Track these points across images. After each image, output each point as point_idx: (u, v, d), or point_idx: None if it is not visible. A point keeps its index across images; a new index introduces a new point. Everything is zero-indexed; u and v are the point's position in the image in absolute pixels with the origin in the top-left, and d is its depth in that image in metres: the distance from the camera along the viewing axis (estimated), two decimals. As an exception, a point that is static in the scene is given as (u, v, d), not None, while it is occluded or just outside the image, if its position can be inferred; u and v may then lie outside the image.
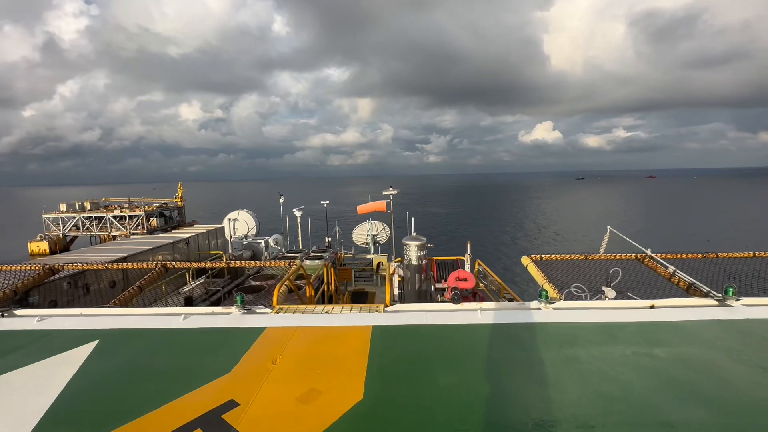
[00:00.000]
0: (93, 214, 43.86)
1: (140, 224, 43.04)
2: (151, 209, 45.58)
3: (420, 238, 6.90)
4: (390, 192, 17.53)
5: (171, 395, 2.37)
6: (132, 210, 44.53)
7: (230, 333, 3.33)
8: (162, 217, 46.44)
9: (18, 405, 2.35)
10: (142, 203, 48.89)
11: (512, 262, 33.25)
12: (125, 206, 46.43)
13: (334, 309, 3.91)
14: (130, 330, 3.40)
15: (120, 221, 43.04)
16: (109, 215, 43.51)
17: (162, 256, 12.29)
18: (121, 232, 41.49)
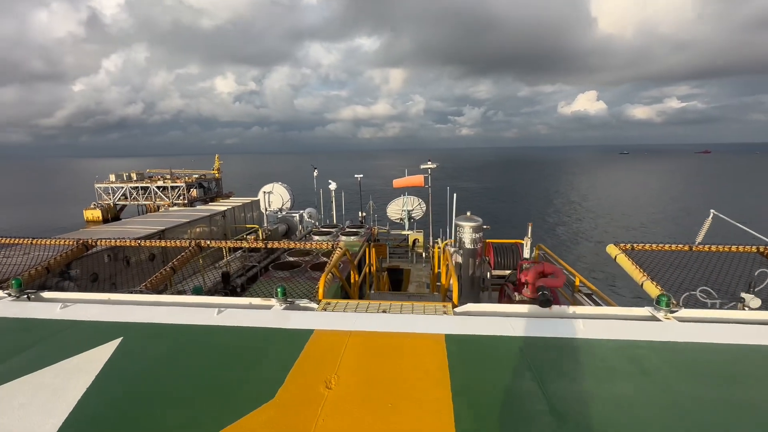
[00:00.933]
0: (139, 185, 45.87)
1: (181, 195, 44.57)
2: (191, 180, 47.05)
3: (475, 219, 6.07)
4: (428, 166, 16.55)
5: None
6: (174, 181, 46.13)
7: (271, 336, 2.76)
8: (201, 188, 47.89)
9: (18, 428, 1.88)
10: (183, 174, 50.50)
11: (564, 247, 31.19)
12: (167, 177, 48.16)
13: (392, 307, 3.25)
14: (158, 326, 2.90)
15: (163, 191, 44.74)
16: (153, 186, 45.29)
17: (200, 228, 12.22)
18: (164, 202, 43.18)
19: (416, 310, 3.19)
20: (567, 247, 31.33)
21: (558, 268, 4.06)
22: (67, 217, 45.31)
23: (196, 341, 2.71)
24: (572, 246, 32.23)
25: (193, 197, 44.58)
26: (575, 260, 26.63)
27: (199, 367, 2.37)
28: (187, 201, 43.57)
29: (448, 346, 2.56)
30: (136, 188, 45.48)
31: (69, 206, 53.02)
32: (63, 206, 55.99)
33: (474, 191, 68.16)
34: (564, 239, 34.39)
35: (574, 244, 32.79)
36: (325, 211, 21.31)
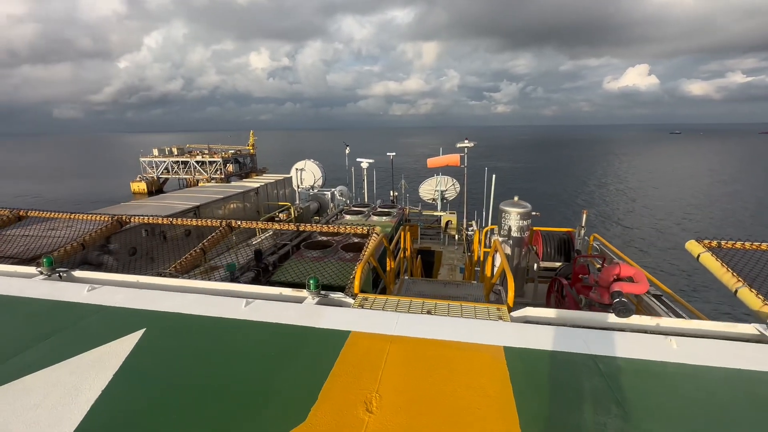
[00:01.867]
0: (179, 159, 47.53)
1: (218, 169, 45.83)
2: (227, 156, 48.19)
3: (523, 204, 5.50)
4: (465, 144, 15.73)
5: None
6: (211, 156, 47.43)
7: (303, 336, 2.45)
8: (237, 164, 49.03)
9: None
10: (220, 150, 51.81)
11: (617, 238, 27.83)
12: (206, 152, 49.58)
13: (437, 306, 2.86)
14: (183, 317, 2.68)
15: (202, 166, 46.17)
16: (193, 160, 46.79)
17: (234, 204, 12.28)
18: (202, 177, 44.63)
19: (466, 311, 2.78)
20: (621, 239, 27.68)
21: (639, 270, 3.47)
22: (115, 189, 48.08)
23: (221, 338, 2.45)
24: (627, 236, 28.46)
25: (229, 172, 45.76)
26: (632, 255, 24.19)
27: (221, 374, 2.10)
28: (223, 176, 44.83)
29: (509, 361, 2.15)
30: (177, 162, 47.20)
31: (117, 179, 56.23)
32: (112, 179, 59.49)
33: (508, 171, 65.62)
34: (619, 230, 30.43)
35: (627, 234, 29.04)
36: (356, 190, 21.06)
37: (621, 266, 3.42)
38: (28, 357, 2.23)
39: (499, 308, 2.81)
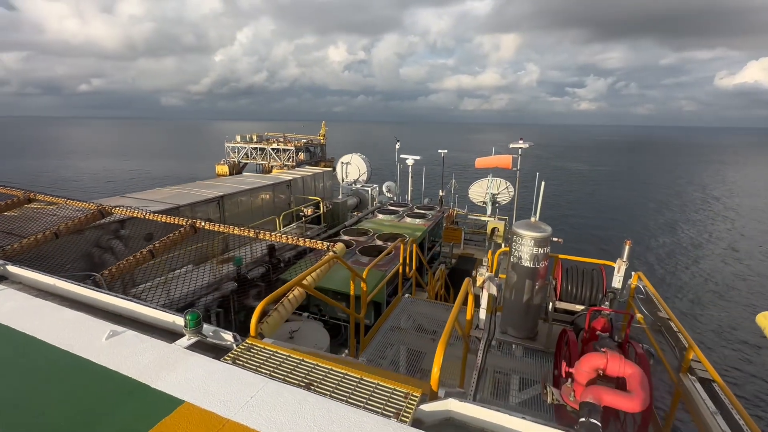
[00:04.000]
0: (257, 146, 50.98)
1: (291, 157, 48.22)
2: (299, 145, 50.51)
3: (541, 228, 4.36)
4: (519, 145, 14.06)
5: None
6: (285, 144, 50.08)
7: (131, 395, 1.87)
8: (308, 153, 51.24)
9: None
10: (293, 138, 54.52)
11: (681, 282, 19.74)
12: (281, 140, 52.55)
13: (327, 377, 2.07)
14: (28, 339, 2.26)
15: (276, 153, 49.00)
16: (269, 147, 49.82)
17: (264, 195, 12.32)
18: (276, 163, 47.28)
19: (358, 393, 1.96)
20: (687, 283, 20.13)
21: (635, 367, 2.28)
22: (204, 170, 53.13)
23: (45, 376, 1.97)
24: (695, 281, 20.49)
25: (300, 160, 47.85)
26: (697, 310, 17.12)
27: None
28: (295, 163, 47.00)
29: None
30: (255, 149, 50.61)
31: (206, 161, 62.13)
32: (202, 161, 66.12)
33: (578, 174, 59.48)
34: (687, 274, 21.35)
35: (698, 279, 20.82)
36: (402, 187, 20.30)
37: (612, 357, 2.26)
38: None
39: (408, 395, 1.95)
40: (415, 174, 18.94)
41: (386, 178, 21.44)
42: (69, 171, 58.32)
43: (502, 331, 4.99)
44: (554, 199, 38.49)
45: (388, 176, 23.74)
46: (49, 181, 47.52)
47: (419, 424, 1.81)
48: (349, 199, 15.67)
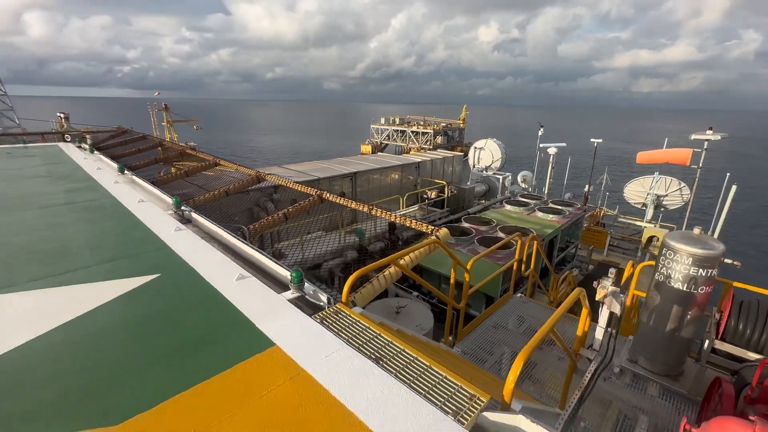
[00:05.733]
0: (398, 128, 53.76)
1: (429, 141, 49.34)
2: (438, 128, 51.15)
3: (708, 243, 3.42)
4: (705, 137, 11.01)
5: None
6: (425, 127, 51.40)
7: (236, 326, 2.28)
8: (445, 137, 51.53)
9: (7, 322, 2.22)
10: (433, 122, 55.46)
11: None
12: (421, 123, 54.14)
13: (397, 357, 2.10)
14: (192, 273, 2.95)
15: (415, 136, 50.83)
16: (409, 130, 52.00)
17: (394, 175, 12.87)
18: (414, 146, 49.14)
19: (423, 380, 1.92)
20: None
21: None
22: (350, 148, 59.20)
23: (189, 300, 2.57)
24: None
25: (437, 144, 48.52)
26: None
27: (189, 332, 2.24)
28: (432, 147, 47.95)
29: None
30: (396, 131, 53.44)
31: (353, 140, 68.92)
32: (350, 139, 73.67)
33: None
34: None
35: None
36: (540, 177, 18.45)
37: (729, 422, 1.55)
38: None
39: (474, 397, 1.82)
40: (557, 164, 16.94)
41: (523, 166, 19.81)
42: (251, 142, 72.52)
43: (630, 359, 4.18)
44: (747, 210, 29.21)
45: (525, 165, 21.88)
46: (233, 149, 60.09)
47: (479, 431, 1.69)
48: (477, 185, 15.11)
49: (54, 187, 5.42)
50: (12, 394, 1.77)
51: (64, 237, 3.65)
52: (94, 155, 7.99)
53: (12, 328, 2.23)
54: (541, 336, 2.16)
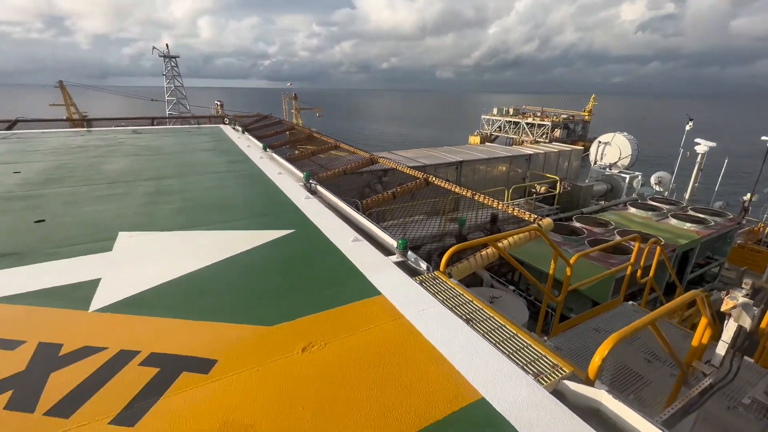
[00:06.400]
0: (511, 119, 50.96)
1: (545, 134, 45.80)
2: (557, 120, 47.00)
3: None
4: None
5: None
6: (542, 119, 47.75)
7: (349, 272, 2.77)
8: (566, 130, 47.08)
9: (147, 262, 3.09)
10: (552, 113, 51.08)
11: None
12: (537, 115, 50.41)
13: (486, 322, 2.32)
14: (317, 233, 3.59)
15: (530, 128, 47.64)
16: (523, 122, 48.93)
17: (501, 167, 12.45)
18: (528, 138, 46.20)
19: (509, 343, 2.11)
20: None
21: None
22: (458, 139, 58.54)
23: (315, 258, 3.17)
24: None
25: (554, 137, 44.70)
26: None
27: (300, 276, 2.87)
28: (548, 140, 44.43)
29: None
30: (509, 122, 50.78)
31: (462, 130, 67.82)
32: (459, 130, 72.61)
33: None
34: None
35: None
36: (681, 180, 15.65)
37: None
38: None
39: (557, 366, 1.94)
40: (707, 166, 14.19)
41: (658, 167, 17.01)
42: (363, 130, 76.79)
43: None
44: None
45: (662, 166, 18.74)
46: (347, 135, 64.45)
47: (558, 396, 1.82)
48: (596, 184, 13.64)
49: (219, 159, 6.86)
50: (203, 296, 2.54)
51: (227, 195, 4.72)
52: (244, 135, 9.71)
53: (201, 254, 3.11)
54: (642, 323, 2.12)
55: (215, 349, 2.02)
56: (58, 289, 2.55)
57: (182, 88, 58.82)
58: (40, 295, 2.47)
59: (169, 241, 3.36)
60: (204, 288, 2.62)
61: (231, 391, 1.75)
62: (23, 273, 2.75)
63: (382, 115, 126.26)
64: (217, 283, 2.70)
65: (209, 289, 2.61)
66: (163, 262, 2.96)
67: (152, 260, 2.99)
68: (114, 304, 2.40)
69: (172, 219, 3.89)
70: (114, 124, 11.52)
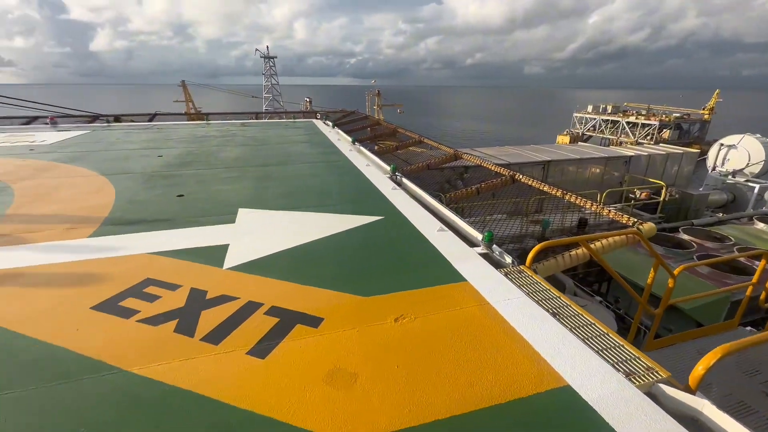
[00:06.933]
0: (609, 118, 46.05)
1: (650, 134, 40.70)
2: (668, 120, 41.34)
3: None
4: None
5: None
6: (647, 118, 42.47)
7: (431, 254, 2.94)
8: (677, 130, 41.20)
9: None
10: (661, 112, 45.11)
11: None
12: (642, 113, 44.94)
13: (571, 318, 2.30)
14: (401, 217, 3.83)
15: (631, 128, 42.70)
16: (623, 120, 43.94)
17: (595, 169, 11.41)
18: (628, 140, 41.53)
19: (596, 340, 2.09)
20: None
21: None
22: (543, 138, 54.78)
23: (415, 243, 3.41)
24: None
25: (662, 139, 39.45)
26: None
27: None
28: (654, 142, 39.45)
29: None
30: (606, 121, 46.03)
31: (550, 129, 63.17)
32: (546, 128, 67.86)
33: None
34: None
35: None
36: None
37: None
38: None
39: (651, 369, 1.89)
40: None
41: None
42: (444, 126, 75.90)
43: None
44: None
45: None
46: (427, 132, 64.09)
47: (652, 399, 1.78)
48: (714, 193, 11.81)
49: (313, 150, 7.52)
50: (308, 265, 2.92)
51: (322, 183, 5.21)
52: (334, 130, 10.42)
53: (305, 231, 3.55)
54: (759, 339, 1.94)
55: (321, 309, 2.35)
56: (199, 249, 3.15)
57: (278, 86, 64.26)
58: (187, 253, 3.08)
59: (278, 218, 3.88)
60: (309, 259, 3.01)
61: (336, 345, 2.05)
62: (174, 235, 3.45)
63: (464, 112, 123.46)
64: (319, 256, 3.08)
65: (314, 260, 3.00)
66: (275, 235, 3.45)
67: (267, 233, 3.50)
68: (240, 265, 2.90)
69: (278, 200, 4.46)
70: (224, 118, 13.20)
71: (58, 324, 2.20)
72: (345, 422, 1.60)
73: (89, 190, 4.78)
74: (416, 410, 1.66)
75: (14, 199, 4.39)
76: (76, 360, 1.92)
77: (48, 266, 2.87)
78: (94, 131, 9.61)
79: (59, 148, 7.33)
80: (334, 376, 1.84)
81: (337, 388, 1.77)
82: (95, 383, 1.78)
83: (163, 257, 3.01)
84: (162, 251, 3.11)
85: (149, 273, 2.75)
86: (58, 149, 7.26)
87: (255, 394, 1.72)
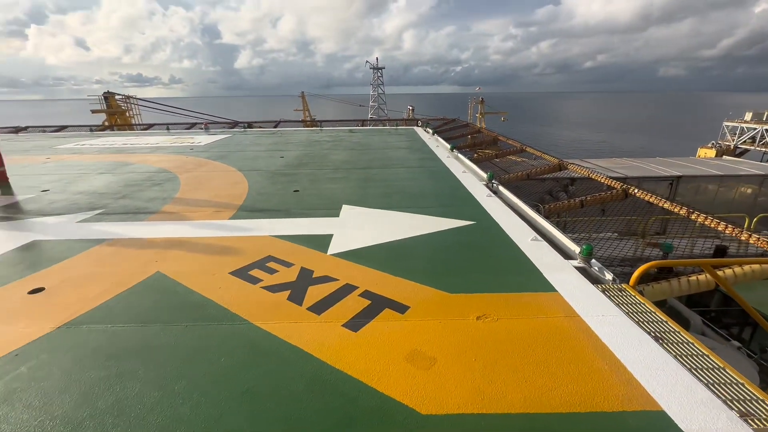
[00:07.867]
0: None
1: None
2: None
3: None
4: None
5: None
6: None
7: (526, 268, 2.90)
8: None
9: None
10: None
11: None
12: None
13: (674, 336, 2.07)
14: (491, 223, 3.85)
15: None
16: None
17: (744, 188, 9.34)
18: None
19: (705, 372, 1.86)
20: None
21: None
22: (679, 151, 46.49)
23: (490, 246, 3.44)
24: None
25: None
26: None
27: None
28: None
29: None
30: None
31: (688, 140, 53.16)
32: (683, 139, 57.61)
33: None
34: None
35: None
36: None
37: None
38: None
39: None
40: None
41: None
42: (551, 136, 70.19)
43: None
44: None
45: None
46: (530, 141, 59.81)
47: None
48: None
49: (412, 155, 7.86)
50: (400, 260, 3.17)
51: (419, 186, 5.47)
52: (433, 137, 10.66)
53: (401, 229, 3.83)
54: None
55: (408, 298, 2.57)
56: (309, 236, 3.67)
57: (383, 95, 67.48)
58: (300, 238, 3.62)
59: (376, 216, 4.25)
60: (401, 254, 3.27)
61: (419, 331, 2.24)
62: (290, 222, 4.06)
63: (577, 120, 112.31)
64: (411, 252, 3.31)
65: (405, 255, 3.24)
66: (373, 230, 3.80)
67: (366, 228, 3.88)
68: (341, 252, 3.29)
69: (377, 199, 4.85)
70: (334, 125, 14.53)
71: (207, 281, 2.84)
72: (421, 396, 1.77)
73: (230, 182, 5.86)
74: (489, 400, 1.75)
75: (181, 186, 5.64)
76: (219, 309, 2.48)
77: (201, 239, 3.68)
78: (234, 135, 11.57)
79: (210, 148, 9.06)
80: (415, 356, 2.02)
81: (417, 367, 1.95)
82: (230, 329, 2.29)
83: (281, 240, 3.58)
84: (281, 235, 3.70)
85: (271, 251, 3.33)
86: (209, 149, 8.98)
87: (348, 359, 2.01)
